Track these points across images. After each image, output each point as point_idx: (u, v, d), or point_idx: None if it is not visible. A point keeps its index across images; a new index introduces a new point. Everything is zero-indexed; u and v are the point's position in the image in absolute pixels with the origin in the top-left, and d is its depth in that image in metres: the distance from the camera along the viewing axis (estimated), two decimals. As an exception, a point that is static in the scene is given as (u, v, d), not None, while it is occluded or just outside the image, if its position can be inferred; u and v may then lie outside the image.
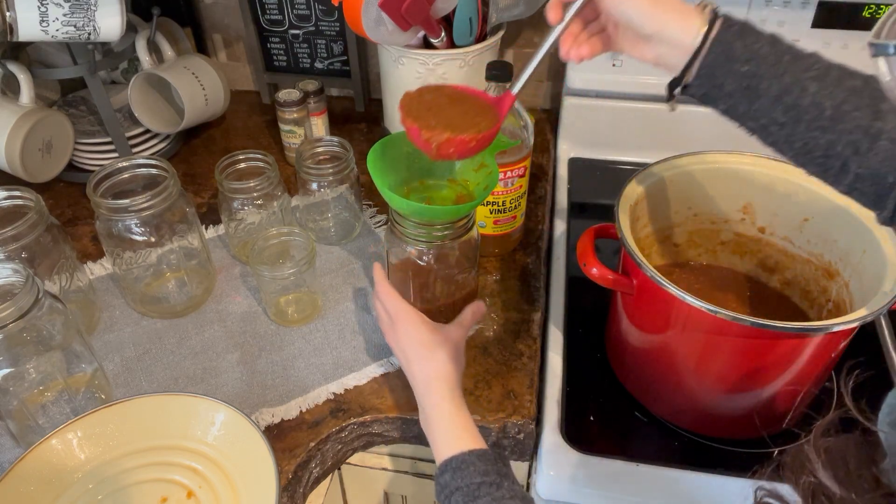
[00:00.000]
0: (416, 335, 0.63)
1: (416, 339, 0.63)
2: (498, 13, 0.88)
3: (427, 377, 0.61)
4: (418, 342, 0.63)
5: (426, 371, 0.62)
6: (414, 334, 0.63)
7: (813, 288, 0.73)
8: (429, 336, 0.63)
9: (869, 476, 0.35)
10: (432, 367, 0.61)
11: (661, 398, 0.70)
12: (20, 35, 0.80)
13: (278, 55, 1.16)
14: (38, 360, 0.63)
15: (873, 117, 0.48)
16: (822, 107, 0.49)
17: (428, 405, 0.61)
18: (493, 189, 0.68)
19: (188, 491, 0.62)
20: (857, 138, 0.49)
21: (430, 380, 0.61)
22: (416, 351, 0.63)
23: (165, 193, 0.73)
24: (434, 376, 0.61)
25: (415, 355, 0.63)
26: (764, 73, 0.51)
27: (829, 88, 0.49)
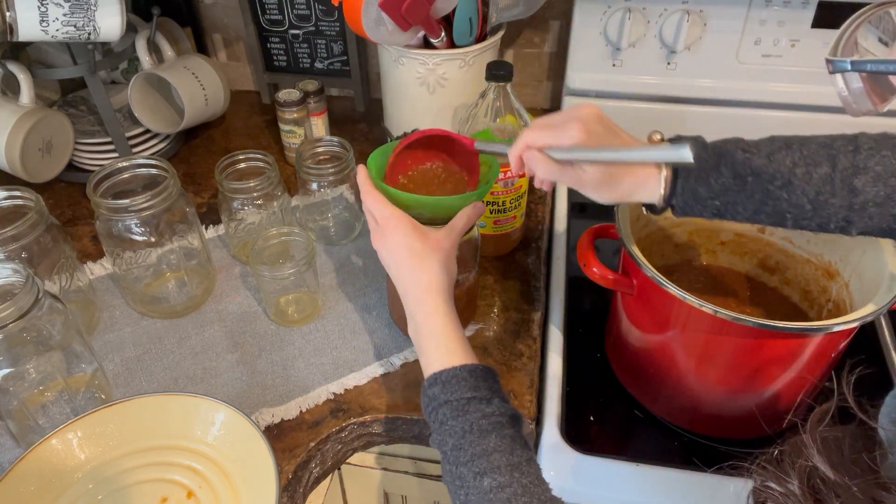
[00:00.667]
0: (406, 241, 0.60)
1: (405, 247, 0.60)
2: (498, 13, 0.88)
3: (418, 287, 0.59)
4: (408, 250, 0.59)
5: (418, 280, 0.59)
6: (403, 241, 0.60)
7: (813, 288, 0.73)
8: (419, 243, 0.60)
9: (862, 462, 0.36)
10: (424, 277, 0.59)
11: (661, 398, 0.70)
12: (20, 35, 0.80)
13: (278, 55, 1.16)
14: (38, 360, 0.63)
15: (852, 196, 0.51)
16: (799, 205, 0.53)
17: (420, 315, 0.58)
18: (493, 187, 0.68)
19: (188, 491, 0.62)
20: (845, 215, 0.52)
21: (421, 290, 0.58)
22: (406, 259, 0.60)
23: (165, 193, 0.73)
24: (426, 286, 0.58)
25: (405, 263, 0.60)
26: (734, 199, 0.54)
27: (801, 188, 0.52)
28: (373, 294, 0.83)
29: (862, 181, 0.50)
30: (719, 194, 0.54)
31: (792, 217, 0.53)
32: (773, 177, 0.53)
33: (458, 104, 0.93)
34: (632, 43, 0.95)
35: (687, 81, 0.98)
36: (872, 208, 0.50)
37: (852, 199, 0.51)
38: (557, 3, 1.05)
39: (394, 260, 0.61)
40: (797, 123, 0.98)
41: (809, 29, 0.91)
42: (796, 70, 0.94)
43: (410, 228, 0.60)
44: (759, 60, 0.95)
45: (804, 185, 0.52)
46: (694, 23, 0.92)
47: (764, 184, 0.53)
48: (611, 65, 0.99)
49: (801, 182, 0.52)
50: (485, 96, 0.76)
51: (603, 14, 0.94)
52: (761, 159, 0.53)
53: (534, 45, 1.11)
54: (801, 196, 0.52)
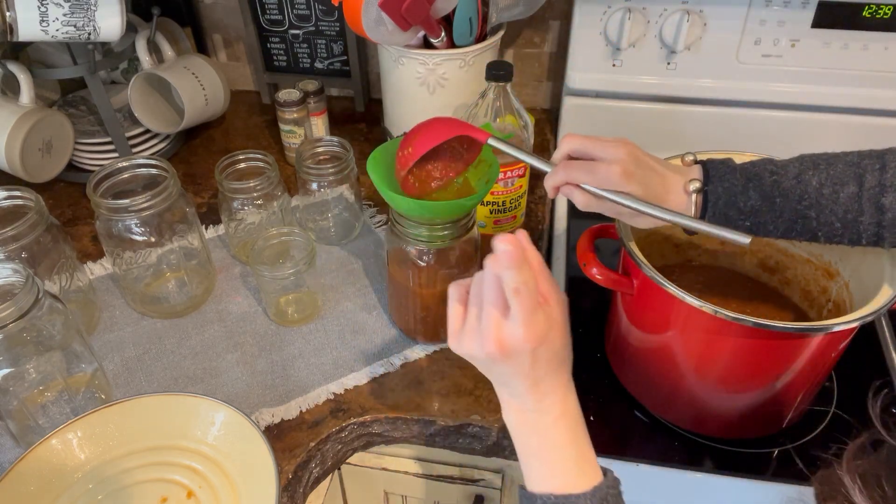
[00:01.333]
0: (552, 363, 0.48)
1: (544, 360, 0.47)
2: (498, 13, 0.88)
3: (558, 380, 0.49)
4: (546, 361, 0.48)
5: (560, 381, 0.49)
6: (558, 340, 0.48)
7: (813, 288, 0.73)
8: (564, 354, 0.49)
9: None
10: (562, 384, 0.49)
11: (661, 398, 0.70)
12: (20, 35, 0.80)
13: (278, 55, 1.16)
14: (38, 360, 0.63)
15: (880, 213, 0.52)
16: (829, 223, 0.54)
17: (547, 417, 0.48)
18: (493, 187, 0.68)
19: (188, 491, 0.62)
20: (875, 231, 0.53)
21: (563, 392, 0.49)
22: (555, 357, 0.48)
23: (165, 193, 0.73)
24: (566, 389, 0.49)
25: (552, 362, 0.48)
26: (764, 220, 0.56)
27: (829, 207, 0.53)
28: (373, 294, 0.83)
29: (889, 199, 0.51)
30: (749, 215, 0.56)
31: (823, 234, 0.55)
32: (800, 197, 0.54)
33: (458, 104, 0.93)
34: (632, 43, 0.95)
35: (687, 81, 0.98)
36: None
37: (881, 217, 0.52)
38: (557, 3, 1.05)
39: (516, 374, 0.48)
40: (797, 123, 0.99)
41: (809, 29, 0.91)
42: (796, 70, 0.94)
43: (555, 334, 0.48)
44: (759, 60, 0.95)
45: (832, 204, 0.53)
46: (694, 23, 0.92)
47: (792, 204, 0.54)
48: (611, 65, 0.99)
49: (829, 202, 0.53)
50: (485, 96, 0.77)
51: (603, 14, 0.94)
52: (789, 181, 0.55)
53: (534, 45, 1.11)
54: (829, 215, 0.53)
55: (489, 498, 0.82)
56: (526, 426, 0.49)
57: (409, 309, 0.74)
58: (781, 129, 0.99)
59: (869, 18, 0.88)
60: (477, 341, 0.47)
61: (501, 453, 0.72)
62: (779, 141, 0.98)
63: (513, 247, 0.45)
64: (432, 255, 0.69)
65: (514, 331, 0.45)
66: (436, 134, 0.63)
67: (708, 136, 1.01)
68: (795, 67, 0.94)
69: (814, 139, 1.00)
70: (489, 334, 0.46)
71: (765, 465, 0.67)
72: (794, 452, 0.68)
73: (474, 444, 0.72)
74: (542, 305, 0.47)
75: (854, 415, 0.71)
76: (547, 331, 0.46)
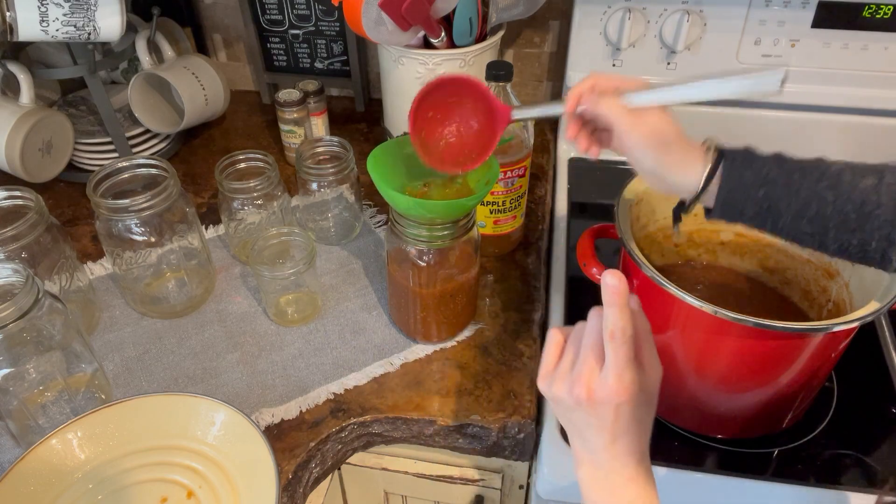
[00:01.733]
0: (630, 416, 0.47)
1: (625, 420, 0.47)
2: (498, 13, 0.88)
3: (625, 454, 0.48)
4: (627, 421, 0.47)
5: (630, 448, 0.48)
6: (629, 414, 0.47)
7: (813, 288, 0.73)
8: (645, 411, 0.48)
9: None
10: (636, 444, 0.48)
11: (660, 398, 0.70)
12: (20, 35, 0.80)
13: (278, 55, 1.16)
14: (38, 360, 0.63)
15: None
16: (844, 212, 0.51)
17: (619, 478, 0.48)
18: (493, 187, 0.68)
19: (188, 491, 0.62)
20: (888, 232, 0.50)
21: (628, 454, 0.48)
22: (638, 422, 0.48)
23: (165, 193, 0.73)
24: (637, 450, 0.48)
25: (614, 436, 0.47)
26: (779, 193, 0.52)
27: (846, 194, 0.51)
28: (373, 294, 0.83)
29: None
30: (764, 184, 0.52)
31: (834, 227, 0.51)
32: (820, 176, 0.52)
33: (458, 104, 0.93)
34: (632, 43, 0.95)
35: (687, 81, 0.98)
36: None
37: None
38: (557, 3, 1.05)
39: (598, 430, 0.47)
40: (797, 123, 0.99)
41: (809, 29, 0.91)
42: (796, 70, 0.94)
43: (642, 396, 0.48)
44: (759, 60, 0.95)
45: (850, 190, 0.51)
46: (694, 23, 0.92)
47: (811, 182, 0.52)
48: (611, 65, 0.99)
49: (848, 187, 0.51)
50: (485, 96, 0.76)
51: (603, 14, 0.94)
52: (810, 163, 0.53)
53: (534, 45, 1.11)
54: (846, 202, 0.51)
55: (489, 498, 0.82)
56: (596, 483, 0.49)
57: (409, 309, 0.74)
58: (781, 129, 0.99)
59: (869, 18, 0.88)
60: (567, 384, 0.47)
61: (501, 453, 0.72)
62: (779, 141, 0.97)
63: (619, 283, 0.44)
64: (432, 255, 0.69)
65: (605, 380, 0.45)
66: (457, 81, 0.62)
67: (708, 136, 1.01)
68: (795, 67, 0.94)
69: (814, 139, 1.00)
70: (580, 378, 0.46)
71: (765, 465, 0.67)
72: (794, 452, 0.68)
73: (474, 444, 0.72)
74: (638, 365, 0.46)
75: (854, 415, 0.71)
76: (636, 391, 0.46)
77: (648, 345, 0.49)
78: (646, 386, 0.47)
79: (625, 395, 0.45)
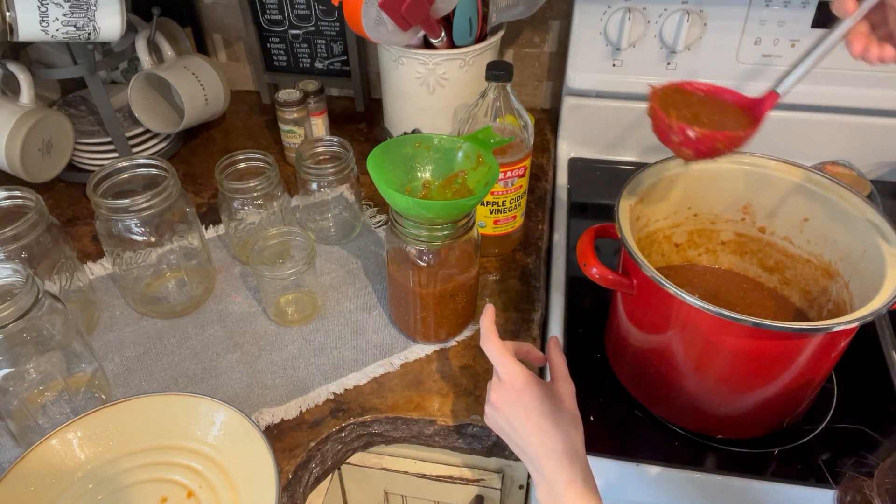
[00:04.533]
0: (538, 404, 0.56)
1: (536, 410, 0.56)
2: (498, 13, 0.88)
3: (555, 452, 0.54)
4: (540, 413, 0.55)
5: (552, 445, 0.55)
6: (534, 403, 0.56)
7: (813, 288, 0.73)
8: (550, 404, 0.56)
9: None
10: (560, 441, 0.55)
11: (661, 398, 0.70)
12: (20, 35, 0.80)
13: (278, 55, 1.16)
14: (38, 360, 0.63)
15: None
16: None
17: (558, 483, 0.54)
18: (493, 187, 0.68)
19: (188, 491, 0.62)
20: None
21: (557, 455, 0.54)
22: (538, 422, 0.55)
23: (165, 193, 0.73)
24: (563, 451, 0.54)
25: (538, 427, 0.55)
26: None
27: None
28: (373, 294, 0.83)
29: None
30: None
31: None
32: None
33: (458, 104, 0.93)
34: (632, 43, 0.95)
35: (687, 81, 0.98)
36: None
37: None
38: (557, 3, 1.05)
39: (523, 423, 0.56)
40: (797, 123, 0.99)
41: (809, 29, 0.91)
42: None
43: (541, 389, 0.57)
44: (759, 60, 0.95)
45: None
46: (694, 23, 0.92)
47: None
48: (611, 65, 0.99)
49: None
50: (485, 96, 0.77)
51: (603, 14, 0.94)
52: None
53: (534, 45, 1.11)
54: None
55: (489, 498, 0.82)
56: (543, 496, 0.55)
57: (409, 309, 0.74)
58: (781, 129, 0.99)
59: (869, 18, 0.88)
60: (486, 406, 0.60)
61: (501, 453, 0.72)
62: (779, 141, 0.98)
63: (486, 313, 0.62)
64: (432, 255, 0.69)
65: (496, 378, 0.59)
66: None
67: None
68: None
69: (814, 139, 1.00)
70: (487, 394, 0.60)
71: (765, 465, 0.67)
72: (794, 452, 0.68)
73: (474, 444, 0.72)
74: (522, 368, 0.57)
75: (854, 415, 0.71)
76: (529, 381, 0.56)
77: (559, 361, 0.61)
78: (551, 389, 0.57)
79: (517, 382, 0.56)
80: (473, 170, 0.70)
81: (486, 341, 0.59)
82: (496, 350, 0.58)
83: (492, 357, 0.59)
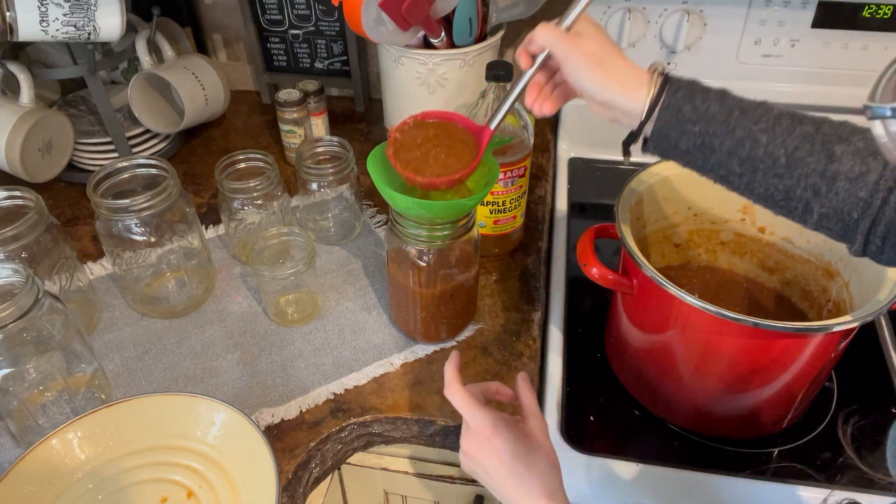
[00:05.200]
0: (509, 448, 0.54)
1: (508, 454, 0.54)
2: (498, 13, 0.88)
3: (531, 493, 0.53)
4: (512, 456, 0.54)
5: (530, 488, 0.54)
6: (505, 447, 0.54)
7: (813, 288, 0.73)
8: (523, 447, 0.55)
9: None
10: (536, 483, 0.54)
11: (661, 398, 0.70)
12: (20, 35, 0.80)
13: (278, 55, 1.16)
14: (38, 360, 0.63)
15: (828, 160, 0.49)
16: (775, 156, 0.51)
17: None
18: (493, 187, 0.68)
19: (188, 491, 0.62)
20: (815, 181, 0.50)
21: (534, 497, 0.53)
22: (511, 466, 0.54)
23: (165, 193, 0.73)
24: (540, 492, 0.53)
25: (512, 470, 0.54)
26: (715, 130, 0.52)
27: (781, 137, 0.51)
28: (373, 294, 0.83)
29: (841, 149, 0.49)
30: (701, 119, 0.52)
31: (763, 170, 0.51)
32: (758, 119, 0.52)
33: (458, 104, 0.93)
34: (632, 43, 0.95)
35: (687, 81, 0.98)
36: (842, 182, 0.49)
37: (827, 165, 0.49)
38: (557, 3, 1.05)
39: (497, 468, 0.55)
40: (797, 123, 0.98)
41: (809, 29, 0.91)
42: (796, 70, 0.94)
43: (511, 431, 0.55)
44: (759, 60, 0.95)
45: (785, 135, 0.51)
46: (694, 23, 0.92)
47: (748, 122, 0.52)
48: (611, 65, 0.99)
49: (784, 132, 0.51)
50: (485, 96, 0.77)
51: (603, 14, 0.94)
52: (752, 104, 0.53)
53: (534, 45, 1.11)
54: (779, 146, 0.51)
55: (489, 498, 0.82)
56: None
57: (409, 309, 0.74)
58: (781, 129, 0.99)
59: (869, 18, 0.88)
60: (460, 456, 0.59)
61: None
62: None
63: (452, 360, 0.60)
64: (432, 255, 0.69)
65: (464, 428, 0.58)
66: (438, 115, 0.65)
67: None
68: (795, 67, 0.94)
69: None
70: (460, 444, 0.58)
71: (765, 465, 0.67)
72: (794, 452, 0.68)
73: (474, 444, 0.72)
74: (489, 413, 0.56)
75: (854, 415, 0.71)
76: (499, 426, 0.55)
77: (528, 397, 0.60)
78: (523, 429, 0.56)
79: (486, 429, 0.55)
80: (473, 170, 0.70)
81: (450, 389, 0.58)
82: (460, 398, 0.57)
83: (456, 406, 0.57)
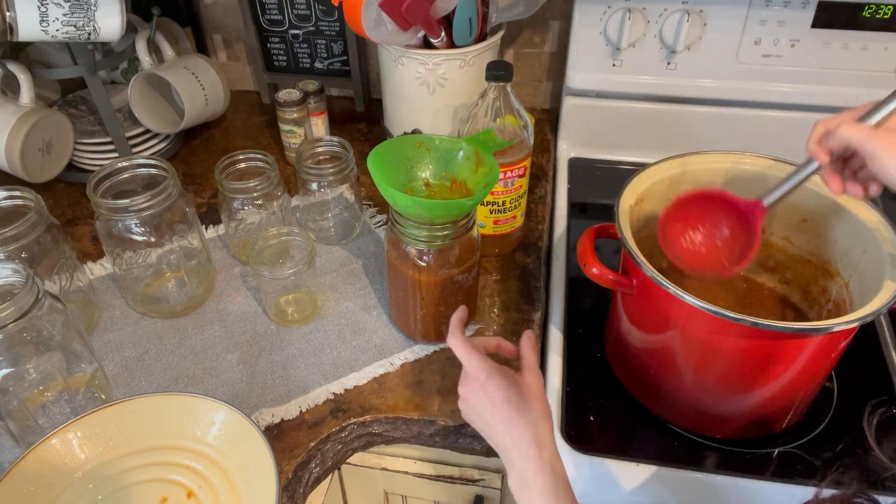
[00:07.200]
0: (503, 394, 0.56)
1: (502, 400, 0.56)
2: (498, 13, 0.88)
3: (522, 440, 0.55)
4: (506, 402, 0.56)
5: (520, 434, 0.56)
6: (499, 394, 0.57)
7: (813, 288, 0.73)
8: (516, 394, 0.57)
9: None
10: (528, 430, 0.55)
11: (661, 398, 0.70)
12: (20, 35, 0.80)
13: (278, 55, 1.16)
14: (38, 360, 0.63)
15: None
16: None
17: (528, 471, 0.55)
18: (493, 187, 0.68)
19: (188, 491, 0.62)
20: None
21: (526, 444, 0.55)
22: (505, 412, 0.56)
23: (165, 193, 0.73)
24: (531, 440, 0.55)
25: (505, 416, 0.56)
26: None
27: None
28: (373, 294, 0.83)
29: None
30: None
31: None
32: None
33: (458, 104, 0.93)
34: (632, 43, 0.95)
35: (687, 81, 0.98)
36: None
37: None
38: (557, 3, 1.05)
39: (490, 413, 0.57)
40: (797, 123, 0.98)
41: (809, 29, 0.91)
42: (796, 70, 0.94)
43: (506, 379, 0.57)
44: (759, 60, 0.95)
45: None
46: (694, 23, 0.92)
47: None
48: (611, 65, 0.99)
49: None
50: (485, 96, 0.77)
51: (603, 14, 0.94)
52: None
53: (534, 45, 1.11)
54: None
55: (489, 498, 0.82)
56: (514, 484, 0.56)
57: (409, 309, 0.74)
58: (781, 129, 0.99)
59: (869, 18, 0.88)
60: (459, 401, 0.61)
61: (501, 453, 0.72)
62: (779, 141, 0.98)
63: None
64: (432, 254, 0.69)
65: (463, 372, 0.60)
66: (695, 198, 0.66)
67: (708, 136, 1.01)
68: (795, 67, 0.94)
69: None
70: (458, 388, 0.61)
71: (765, 465, 0.67)
72: (794, 452, 0.68)
73: (474, 444, 0.72)
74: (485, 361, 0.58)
75: (854, 415, 0.71)
76: (492, 372, 0.57)
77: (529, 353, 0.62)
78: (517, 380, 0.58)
79: (481, 374, 0.57)
80: (474, 172, 0.70)
81: (451, 337, 0.61)
82: (459, 345, 0.60)
83: (456, 352, 0.60)
